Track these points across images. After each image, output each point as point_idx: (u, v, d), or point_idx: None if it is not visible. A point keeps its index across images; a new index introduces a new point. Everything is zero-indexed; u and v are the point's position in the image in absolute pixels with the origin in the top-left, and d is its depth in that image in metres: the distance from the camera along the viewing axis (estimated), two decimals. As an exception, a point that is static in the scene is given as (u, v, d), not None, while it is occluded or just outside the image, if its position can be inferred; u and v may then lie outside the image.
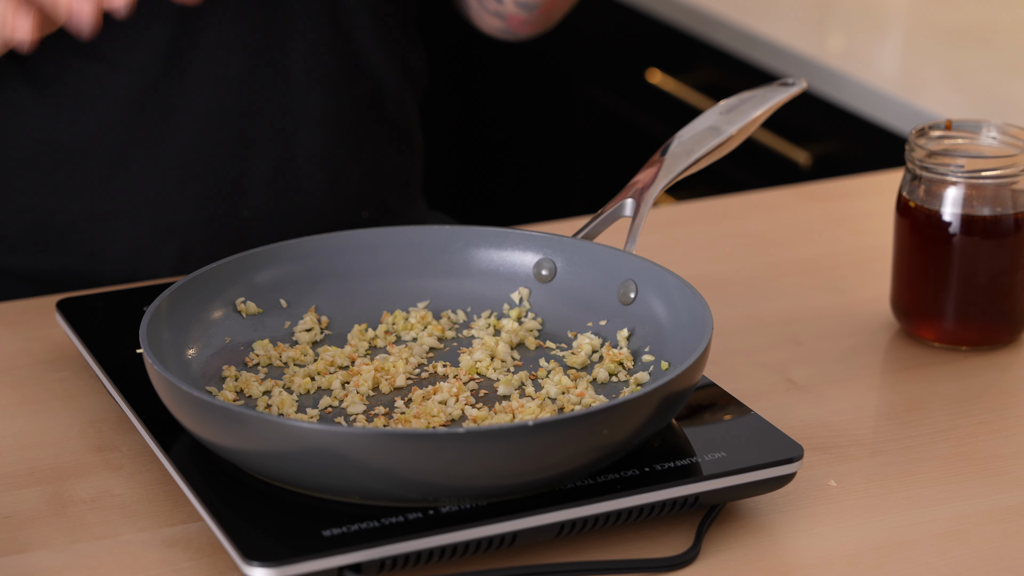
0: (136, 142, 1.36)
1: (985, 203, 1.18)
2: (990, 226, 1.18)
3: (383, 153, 1.48)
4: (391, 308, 1.16)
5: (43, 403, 1.13)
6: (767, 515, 1.01)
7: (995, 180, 1.18)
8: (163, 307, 1.06)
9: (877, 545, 0.99)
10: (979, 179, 1.18)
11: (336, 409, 1.05)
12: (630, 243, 1.14)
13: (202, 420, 0.96)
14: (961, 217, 1.18)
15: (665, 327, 1.09)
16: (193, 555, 0.97)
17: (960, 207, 1.18)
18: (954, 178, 1.18)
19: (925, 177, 1.19)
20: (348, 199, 1.45)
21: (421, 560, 0.92)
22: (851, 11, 2.25)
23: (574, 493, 0.95)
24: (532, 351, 1.13)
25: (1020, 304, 1.20)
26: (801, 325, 1.25)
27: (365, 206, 1.47)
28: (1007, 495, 1.04)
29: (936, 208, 1.19)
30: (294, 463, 0.94)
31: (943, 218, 1.19)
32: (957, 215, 1.18)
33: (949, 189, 1.19)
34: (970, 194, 1.18)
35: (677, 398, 0.98)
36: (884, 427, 1.11)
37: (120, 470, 1.05)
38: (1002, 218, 1.18)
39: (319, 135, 1.42)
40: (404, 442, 0.92)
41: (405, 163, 1.52)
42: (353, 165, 1.45)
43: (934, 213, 1.19)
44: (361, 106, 1.45)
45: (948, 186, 1.19)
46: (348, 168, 1.44)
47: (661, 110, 2.37)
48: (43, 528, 1.00)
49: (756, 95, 1.22)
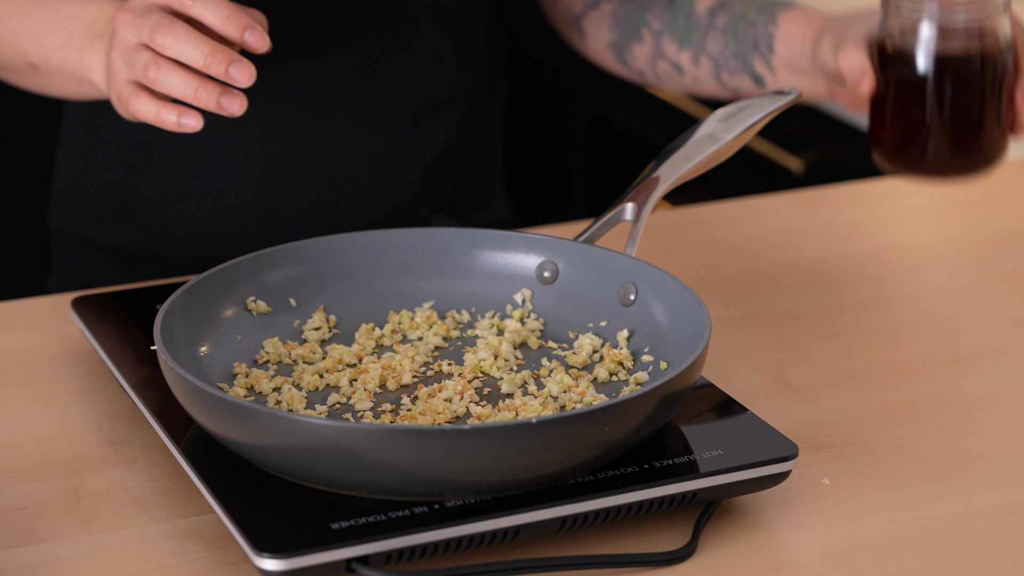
0: (205, 132, 1.39)
1: (957, 41, 1.21)
2: (961, 65, 1.22)
3: (447, 156, 1.50)
4: (398, 308, 1.16)
5: (59, 398, 1.13)
6: (762, 511, 1.01)
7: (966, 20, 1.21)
8: (177, 305, 1.06)
9: (869, 541, 0.99)
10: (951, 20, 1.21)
11: (344, 406, 1.05)
12: (630, 246, 1.13)
13: (214, 415, 0.96)
14: (935, 56, 1.21)
15: (664, 328, 1.09)
16: (205, 546, 0.97)
17: (933, 47, 1.21)
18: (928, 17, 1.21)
19: (900, 20, 1.22)
20: (405, 196, 1.47)
21: (427, 553, 0.92)
22: (843, 23, 2.25)
23: (575, 489, 0.95)
24: (534, 351, 1.12)
25: (990, 137, 1.24)
26: (796, 327, 1.25)
27: (424, 204, 1.49)
28: (996, 494, 1.04)
29: (910, 49, 1.22)
30: (303, 458, 0.94)
31: (916, 58, 1.22)
32: (930, 54, 1.21)
33: (922, 29, 1.22)
34: (944, 34, 1.21)
35: (676, 397, 0.98)
36: (876, 427, 1.11)
37: (134, 464, 1.05)
38: (972, 57, 1.21)
39: (377, 134, 1.44)
40: (410, 438, 0.92)
41: (475, 165, 1.54)
42: (411, 164, 1.47)
43: (908, 53, 1.22)
44: (421, 109, 1.46)
45: (921, 27, 1.22)
46: (406, 167, 1.47)
47: (659, 118, 2.37)
48: (59, 519, 0.99)
49: (753, 104, 1.22)
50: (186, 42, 1.13)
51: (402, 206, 1.47)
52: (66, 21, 1.26)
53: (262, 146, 1.42)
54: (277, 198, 1.44)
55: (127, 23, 1.16)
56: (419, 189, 1.48)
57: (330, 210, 1.44)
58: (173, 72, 1.14)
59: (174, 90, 1.14)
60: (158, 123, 1.16)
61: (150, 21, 1.14)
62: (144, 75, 1.14)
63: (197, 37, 1.13)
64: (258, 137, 1.42)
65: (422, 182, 1.48)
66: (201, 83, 1.14)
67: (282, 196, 1.44)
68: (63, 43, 1.26)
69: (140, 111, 1.16)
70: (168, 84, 1.14)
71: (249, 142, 1.42)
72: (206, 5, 1.14)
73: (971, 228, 1.47)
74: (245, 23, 1.13)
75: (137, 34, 1.15)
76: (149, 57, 1.14)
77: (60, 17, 1.26)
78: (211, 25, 1.14)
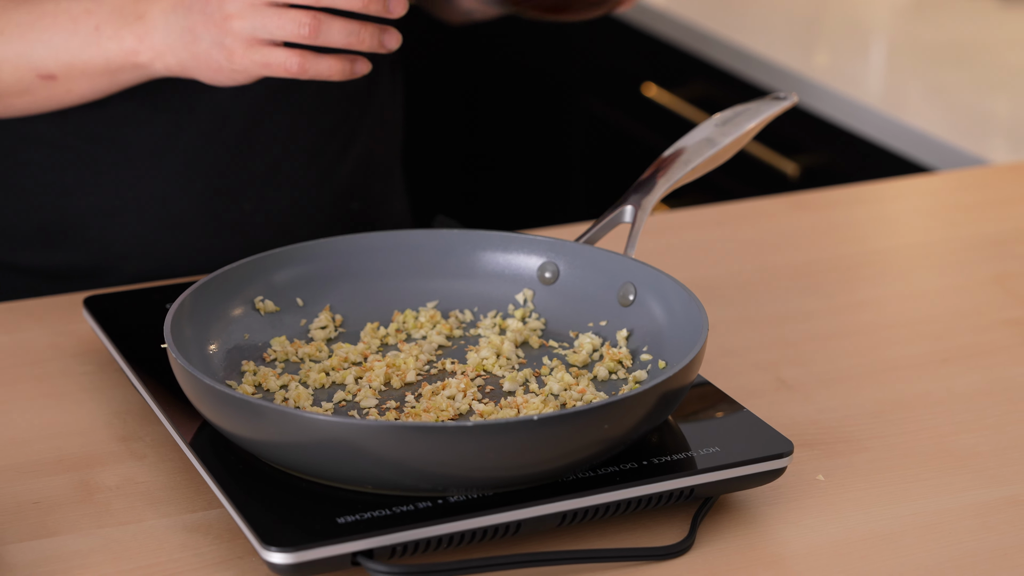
0: (142, 142, 1.36)
1: None
2: None
3: (370, 146, 1.48)
4: (402, 307, 1.16)
5: (70, 395, 1.13)
6: (758, 507, 1.01)
7: None
8: (186, 304, 1.06)
9: (862, 536, 0.99)
10: None
11: (349, 403, 1.05)
12: (629, 248, 1.14)
13: (223, 412, 0.96)
14: None
15: (662, 328, 1.09)
16: (213, 540, 0.97)
17: None
18: None
19: None
20: (340, 191, 1.45)
21: (430, 547, 0.93)
22: (837, 29, 2.26)
23: (576, 485, 0.95)
24: (536, 349, 1.13)
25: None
26: (791, 327, 1.26)
27: (355, 197, 1.47)
28: (986, 490, 1.04)
29: None
30: (310, 453, 0.94)
31: None
32: None
33: None
34: None
35: (674, 395, 0.99)
36: (870, 425, 1.11)
37: (144, 459, 1.06)
38: None
39: (312, 132, 1.41)
40: (415, 434, 0.92)
41: (388, 154, 1.52)
42: (344, 158, 1.45)
43: None
44: (351, 100, 1.44)
45: None
46: (339, 161, 1.44)
47: (656, 122, 2.38)
48: (71, 513, 1.00)
49: (750, 108, 1.23)
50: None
51: (337, 200, 1.45)
52: (83, 18, 1.23)
53: (203, 152, 1.37)
54: (219, 203, 1.39)
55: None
56: (350, 182, 1.46)
57: (271, 211, 1.41)
58: (335, 22, 1.15)
59: (337, 40, 1.15)
60: (330, 76, 1.17)
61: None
62: (302, 33, 1.14)
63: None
64: (198, 143, 1.37)
65: (353, 175, 1.46)
66: (361, 26, 1.15)
67: (224, 200, 1.39)
68: (89, 39, 1.23)
69: (311, 70, 1.16)
70: (331, 35, 1.15)
71: (190, 149, 1.37)
72: None
73: (963, 231, 1.47)
74: None
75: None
76: (302, 13, 1.15)
77: (73, 16, 1.23)
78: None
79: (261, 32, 1.16)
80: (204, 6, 1.18)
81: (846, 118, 1.95)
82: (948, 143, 1.81)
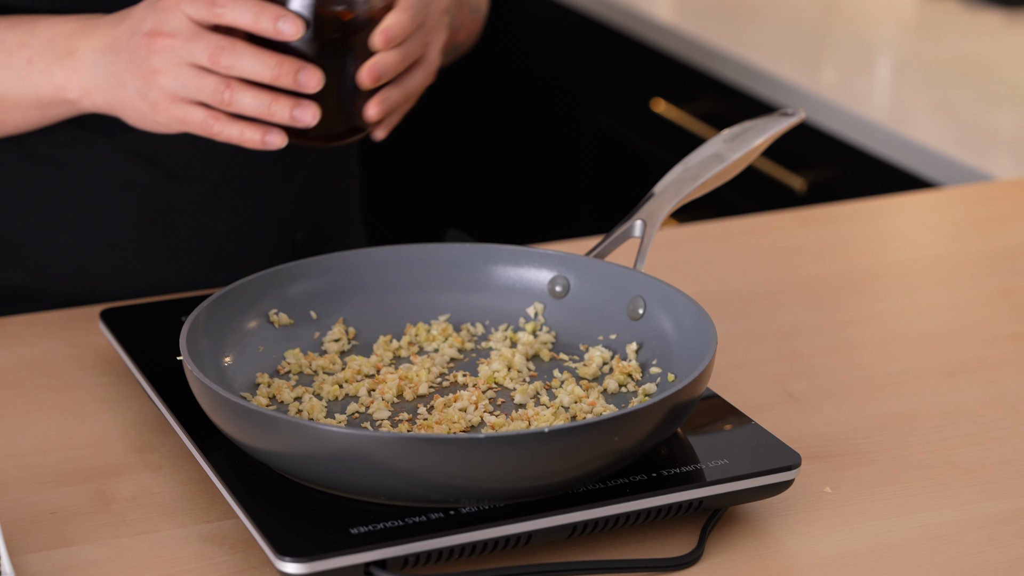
0: (80, 163, 1.33)
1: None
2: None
3: (317, 176, 1.45)
4: (414, 320, 1.16)
5: (87, 406, 1.14)
6: (766, 519, 1.01)
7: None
8: (202, 317, 1.06)
9: (869, 548, 0.99)
10: None
11: (362, 415, 1.06)
12: (639, 262, 1.14)
13: (238, 424, 0.97)
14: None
15: (672, 341, 1.09)
16: (228, 550, 0.97)
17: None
18: None
19: None
20: (283, 220, 1.42)
21: (442, 557, 0.93)
22: (844, 46, 2.26)
23: (586, 496, 0.95)
24: (546, 362, 1.13)
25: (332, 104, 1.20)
26: (798, 341, 1.26)
27: (300, 228, 1.43)
28: (992, 503, 1.04)
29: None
30: (323, 465, 0.94)
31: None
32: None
33: None
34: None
35: (683, 408, 0.99)
36: (877, 437, 1.11)
37: (159, 470, 1.06)
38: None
39: (253, 158, 1.38)
40: (427, 446, 0.92)
41: (341, 187, 1.49)
42: (287, 187, 1.41)
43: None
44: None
45: None
46: (282, 190, 1.41)
47: (664, 138, 2.38)
48: (87, 523, 1.00)
49: (758, 124, 1.23)
50: (251, 59, 1.14)
51: (280, 230, 1.41)
52: (16, 50, 1.22)
53: (138, 175, 1.34)
54: (155, 228, 1.36)
55: (171, 47, 1.15)
56: (295, 212, 1.42)
57: (209, 236, 1.38)
58: (246, 92, 1.15)
59: (248, 109, 1.15)
60: (241, 143, 1.16)
61: (207, 44, 1.14)
62: (217, 99, 1.15)
63: (260, 52, 1.14)
64: (134, 166, 1.34)
65: (297, 205, 1.43)
66: (273, 98, 1.15)
67: (161, 225, 1.36)
68: (21, 73, 1.22)
69: (224, 134, 1.16)
70: (243, 104, 1.15)
71: (126, 172, 1.34)
72: (233, 8, 1.13)
73: (969, 245, 1.47)
74: (275, 13, 1.14)
75: (191, 57, 1.15)
76: (218, 81, 1.15)
77: (7, 48, 1.22)
78: (244, 26, 1.14)
79: (182, 91, 1.16)
80: (131, 55, 1.17)
81: (853, 134, 1.95)
82: (954, 159, 1.81)
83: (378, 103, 1.19)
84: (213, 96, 1.15)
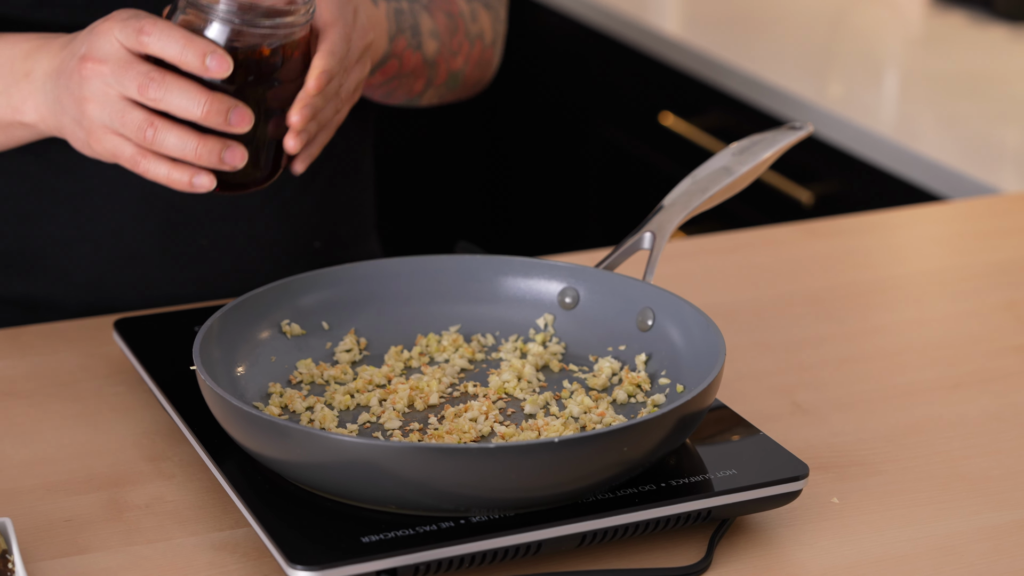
0: (101, 174, 1.32)
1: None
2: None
3: (334, 185, 1.44)
4: (425, 331, 1.16)
5: (101, 415, 1.14)
6: (774, 529, 1.01)
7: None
8: (215, 327, 1.07)
9: (876, 559, 0.99)
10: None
11: (374, 424, 1.06)
12: (648, 274, 1.14)
13: (250, 433, 0.97)
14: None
15: (680, 352, 1.09)
16: (240, 558, 0.97)
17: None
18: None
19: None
20: (300, 229, 1.41)
21: (453, 566, 0.93)
22: (852, 60, 2.26)
23: (595, 506, 0.95)
24: (556, 373, 1.13)
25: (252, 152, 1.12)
26: (806, 352, 1.26)
27: (317, 236, 1.43)
28: (998, 514, 1.04)
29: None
30: (335, 474, 0.94)
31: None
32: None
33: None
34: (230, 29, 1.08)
35: (692, 419, 0.99)
36: (883, 448, 1.11)
37: (172, 478, 1.06)
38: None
39: None
40: (438, 456, 0.92)
41: (356, 195, 1.48)
42: (304, 197, 1.41)
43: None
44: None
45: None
46: (299, 199, 1.41)
47: (673, 151, 2.38)
48: (101, 531, 1.00)
49: (766, 137, 1.23)
50: (180, 93, 1.07)
51: (298, 239, 1.41)
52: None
53: (158, 185, 1.31)
54: (175, 237, 1.35)
55: (101, 75, 1.09)
56: (312, 221, 1.42)
57: (228, 246, 1.37)
58: (171, 132, 1.08)
59: (173, 150, 1.08)
60: (169, 184, 1.10)
61: (136, 73, 1.07)
62: (140, 137, 1.08)
63: (190, 86, 1.07)
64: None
65: (314, 214, 1.42)
66: (200, 141, 1.08)
67: (180, 235, 1.35)
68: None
69: (150, 172, 1.10)
70: (166, 145, 1.08)
71: (145, 182, 1.31)
72: (160, 39, 1.06)
73: (974, 258, 1.47)
74: (203, 48, 1.06)
75: (121, 87, 1.08)
76: (143, 118, 1.08)
77: None
78: (169, 58, 1.07)
79: (109, 123, 1.10)
80: (68, 81, 1.12)
81: (860, 147, 1.95)
82: (960, 172, 1.81)
83: (296, 135, 1.13)
84: (136, 134, 1.08)
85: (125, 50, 1.08)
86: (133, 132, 1.08)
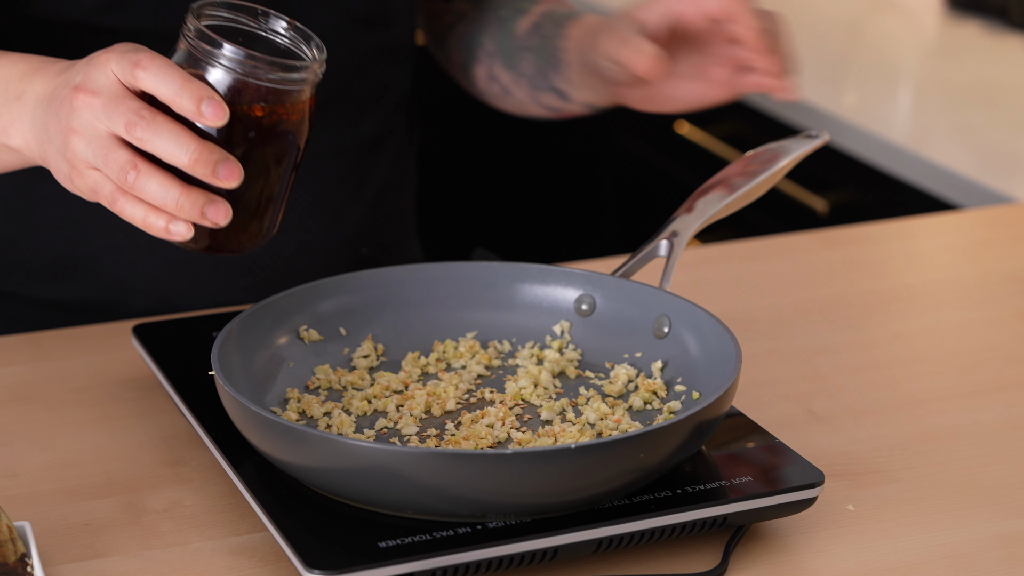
0: None
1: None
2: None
3: (383, 194, 1.44)
4: (442, 337, 1.16)
5: (119, 420, 1.14)
6: (790, 536, 1.01)
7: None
8: (233, 333, 1.06)
9: (891, 566, 0.99)
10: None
11: (391, 430, 1.05)
12: (664, 281, 1.14)
13: (268, 438, 0.97)
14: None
15: (696, 360, 1.09)
16: (258, 563, 0.97)
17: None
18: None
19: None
20: (349, 237, 1.41)
21: (469, 571, 0.93)
22: (868, 69, 2.26)
23: (611, 512, 0.95)
24: (572, 380, 1.13)
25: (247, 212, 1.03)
26: (821, 360, 1.25)
27: (365, 243, 1.43)
28: (1014, 521, 1.03)
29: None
30: (352, 479, 0.94)
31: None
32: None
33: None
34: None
35: (708, 426, 0.98)
36: (899, 456, 1.11)
37: (190, 483, 1.06)
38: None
39: (323, 178, 1.38)
40: (455, 461, 0.92)
41: (402, 202, 1.49)
42: (354, 205, 1.41)
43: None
44: (363, 149, 1.41)
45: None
46: (350, 207, 1.41)
47: (689, 159, 2.38)
48: (119, 535, 1.00)
49: (782, 146, 1.22)
50: (169, 138, 0.98)
51: (346, 247, 1.41)
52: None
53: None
54: None
55: (92, 108, 1.00)
56: (361, 229, 1.42)
57: (279, 253, 1.36)
58: (152, 179, 0.99)
59: (153, 198, 0.99)
60: (144, 228, 1.01)
61: (125, 110, 0.99)
62: (121, 179, 0.99)
63: (181, 132, 0.98)
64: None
65: (363, 222, 1.42)
66: (183, 191, 0.98)
67: None
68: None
69: (126, 213, 1.01)
70: (147, 192, 0.99)
71: None
72: (156, 76, 0.98)
73: (990, 267, 1.47)
74: (200, 93, 0.97)
75: (109, 123, 0.99)
76: (126, 160, 0.99)
77: None
78: (163, 98, 0.98)
79: (92, 160, 1.01)
80: (58, 109, 1.03)
81: (875, 156, 1.95)
82: (975, 181, 1.80)
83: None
84: (118, 176, 0.99)
85: (119, 84, 1.00)
86: (115, 173, 1.00)
